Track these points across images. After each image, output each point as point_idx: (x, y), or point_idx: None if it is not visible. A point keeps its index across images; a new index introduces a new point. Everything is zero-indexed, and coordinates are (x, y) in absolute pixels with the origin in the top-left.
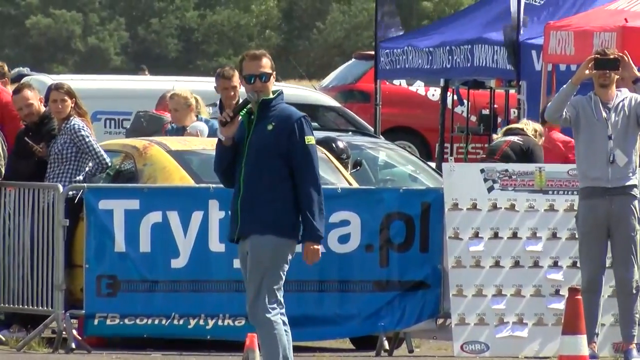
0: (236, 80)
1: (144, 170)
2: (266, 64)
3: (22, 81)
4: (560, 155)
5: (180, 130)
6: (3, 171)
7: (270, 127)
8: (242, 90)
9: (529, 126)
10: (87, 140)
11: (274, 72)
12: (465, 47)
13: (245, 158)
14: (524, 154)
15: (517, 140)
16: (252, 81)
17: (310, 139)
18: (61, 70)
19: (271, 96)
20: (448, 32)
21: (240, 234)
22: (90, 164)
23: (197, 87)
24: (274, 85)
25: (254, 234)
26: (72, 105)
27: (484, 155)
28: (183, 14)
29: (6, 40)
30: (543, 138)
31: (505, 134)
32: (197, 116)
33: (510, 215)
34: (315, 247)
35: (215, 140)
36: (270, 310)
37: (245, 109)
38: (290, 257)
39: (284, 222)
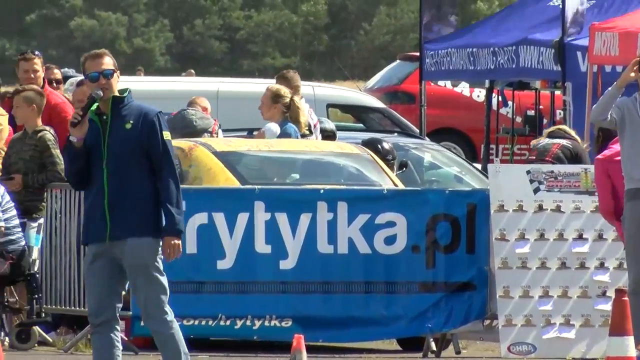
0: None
1: (189, 171)
2: (108, 62)
3: (67, 82)
4: None
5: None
6: (63, 174)
7: (128, 126)
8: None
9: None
10: None
11: (118, 71)
12: (509, 49)
13: (105, 159)
14: (574, 158)
15: (567, 143)
16: (97, 79)
17: (167, 135)
18: None
19: (120, 95)
20: (492, 33)
21: (113, 237)
22: None
23: (241, 88)
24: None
25: (131, 236)
26: None
27: (532, 157)
28: (229, 14)
29: (50, 41)
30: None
31: (549, 136)
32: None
33: (556, 217)
34: (176, 241)
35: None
36: (167, 311)
37: (93, 108)
38: (158, 254)
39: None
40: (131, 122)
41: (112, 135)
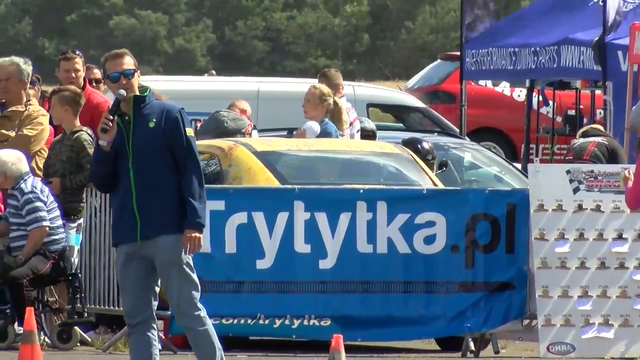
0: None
1: (229, 171)
2: (129, 61)
3: None
4: None
5: None
6: None
7: (152, 124)
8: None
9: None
10: None
11: (138, 70)
12: (551, 48)
13: (131, 159)
14: (611, 155)
15: (602, 140)
16: (117, 79)
17: (190, 131)
18: (147, 71)
19: (141, 94)
20: (533, 33)
21: (144, 236)
22: None
23: (281, 87)
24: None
25: (162, 234)
26: None
27: (569, 158)
28: (271, 15)
29: (91, 41)
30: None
31: (583, 135)
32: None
33: (596, 216)
34: (196, 234)
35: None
36: (199, 307)
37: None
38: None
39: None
40: (154, 120)
41: (136, 135)
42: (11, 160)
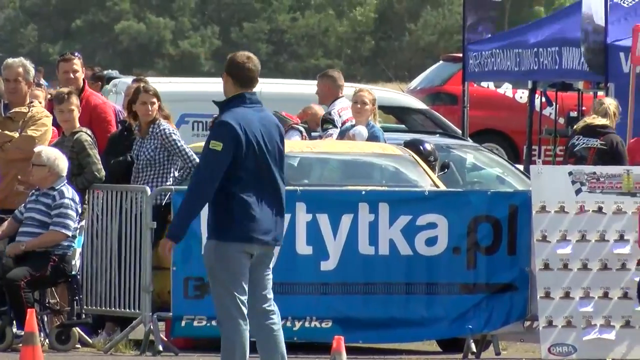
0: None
1: None
2: None
3: (110, 83)
4: None
5: None
6: (103, 174)
7: None
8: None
9: (609, 109)
10: (179, 144)
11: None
12: (552, 50)
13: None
14: (613, 154)
15: (601, 145)
16: None
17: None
18: (151, 75)
19: None
20: (535, 35)
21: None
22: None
23: (284, 89)
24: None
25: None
26: (157, 108)
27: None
28: (276, 16)
29: (97, 46)
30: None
31: (585, 134)
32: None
33: (598, 218)
34: (167, 242)
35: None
36: (230, 315)
37: None
38: (223, 257)
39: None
40: None
41: None
42: (59, 157)
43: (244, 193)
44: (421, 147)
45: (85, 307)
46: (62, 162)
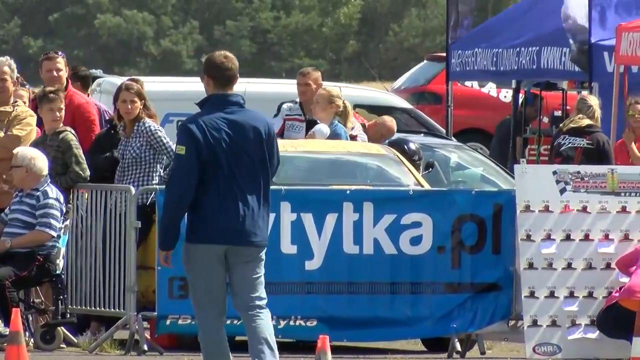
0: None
1: None
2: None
3: (94, 83)
4: None
5: None
6: (88, 173)
7: None
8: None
9: (596, 111)
10: (164, 141)
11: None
12: (532, 49)
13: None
14: (599, 152)
15: (587, 145)
16: None
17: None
18: (133, 73)
19: None
20: (516, 34)
21: None
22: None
23: (268, 89)
24: None
25: None
26: (141, 106)
27: (556, 159)
28: (258, 15)
29: (76, 41)
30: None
31: (571, 134)
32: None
33: (582, 217)
34: (161, 254)
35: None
36: (198, 314)
37: None
38: (189, 258)
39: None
40: None
41: None
42: (36, 156)
43: (206, 195)
44: (405, 147)
45: (69, 306)
46: (40, 162)
